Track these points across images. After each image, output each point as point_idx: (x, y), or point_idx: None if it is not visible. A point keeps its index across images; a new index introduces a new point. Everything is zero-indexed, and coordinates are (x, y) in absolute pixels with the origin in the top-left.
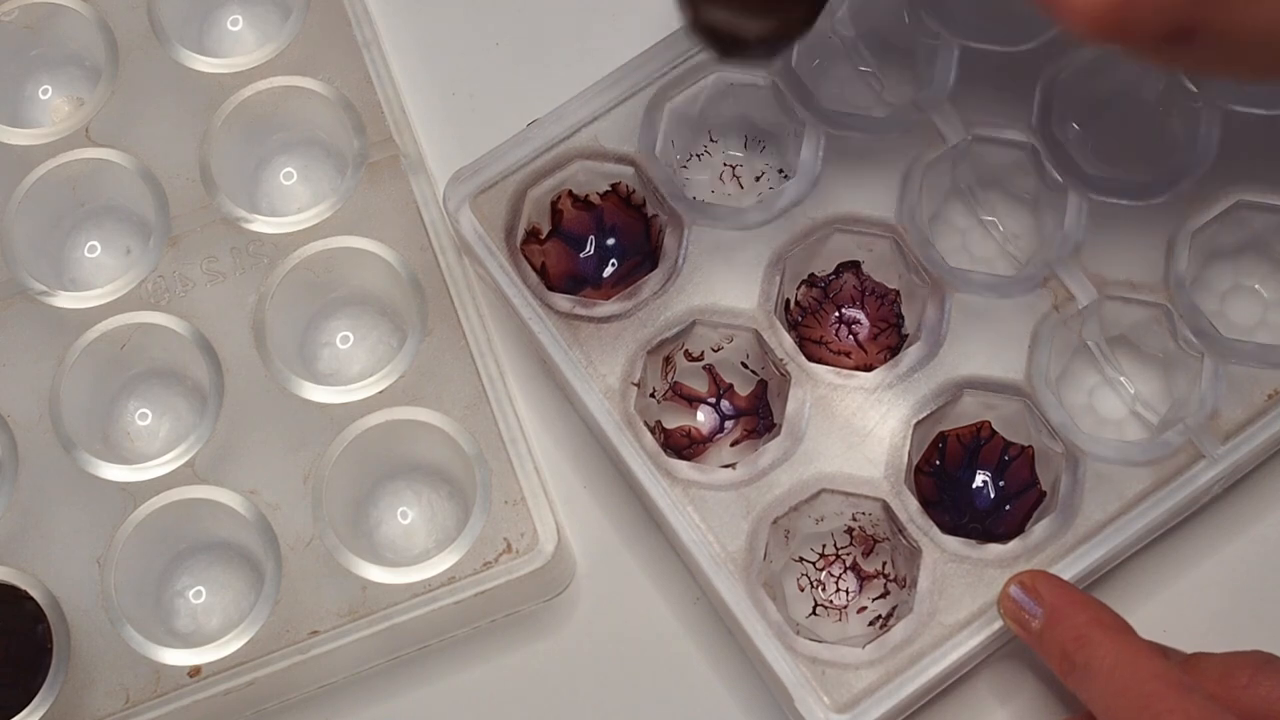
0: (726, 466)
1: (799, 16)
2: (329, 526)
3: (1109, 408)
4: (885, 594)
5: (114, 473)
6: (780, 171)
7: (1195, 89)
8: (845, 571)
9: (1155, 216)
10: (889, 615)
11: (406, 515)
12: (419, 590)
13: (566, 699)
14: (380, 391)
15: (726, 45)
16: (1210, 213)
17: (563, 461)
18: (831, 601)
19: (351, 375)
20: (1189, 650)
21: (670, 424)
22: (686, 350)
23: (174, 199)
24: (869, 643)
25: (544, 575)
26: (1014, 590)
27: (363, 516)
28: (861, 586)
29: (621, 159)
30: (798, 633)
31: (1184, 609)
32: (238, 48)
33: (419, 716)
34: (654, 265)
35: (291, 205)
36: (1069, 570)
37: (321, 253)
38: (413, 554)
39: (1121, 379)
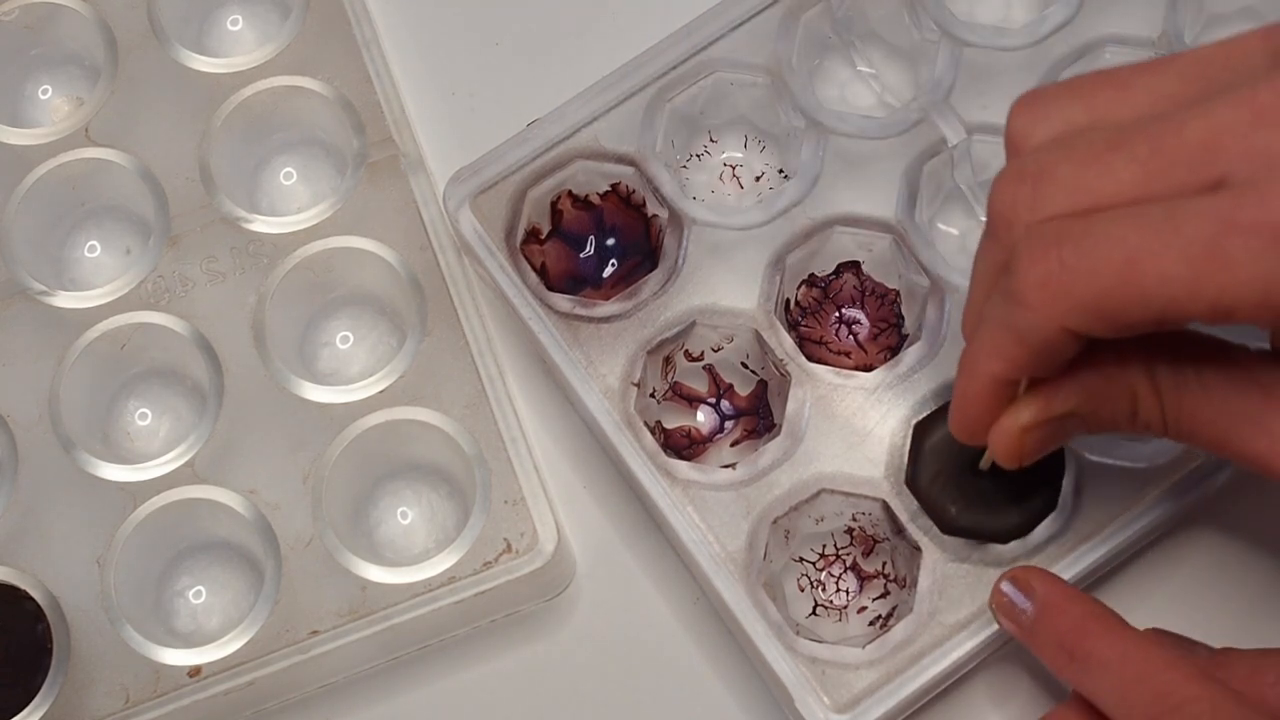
0: (726, 466)
1: (1038, 510)
2: (329, 526)
3: None
4: (885, 594)
5: (114, 473)
6: (780, 172)
7: None
8: (845, 571)
9: None
10: (889, 615)
11: (406, 515)
12: (419, 590)
13: (566, 699)
14: (380, 391)
15: (978, 539)
16: None
17: (563, 461)
18: (831, 601)
19: (351, 375)
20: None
21: (670, 424)
22: (686, 350)
23: (174, 199)
24: (869, 643)
25: (544, 575)
26: (1005, 585)
27: (362, 516)
28: (862, 586)
29: (621, 159)
30: (798, 633)
31: (1184, 609)
32: (237, 47)
33: (419, 716)
34: (654, 265)
35: (291, 205)
36: (1069, 570)
37: (321, 253)
38: (412, 554)
39: None
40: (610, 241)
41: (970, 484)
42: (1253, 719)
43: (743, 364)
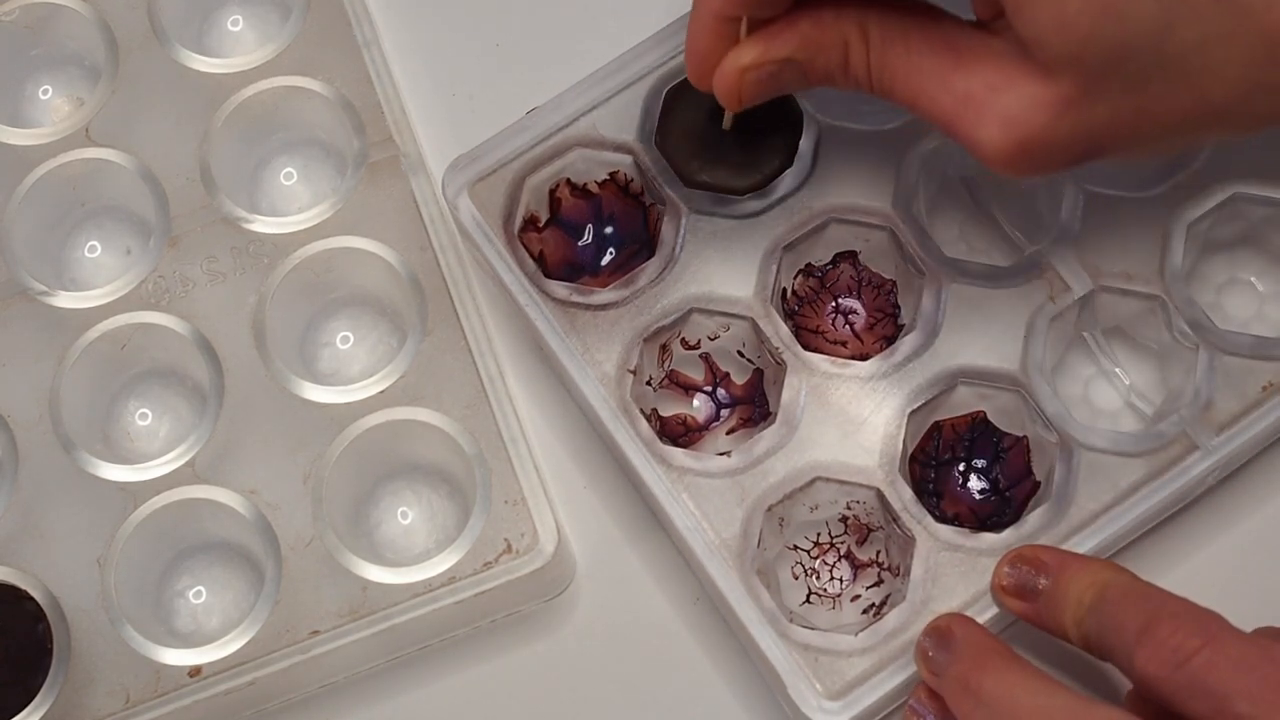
0: (722, 454)
1: (777, 168)
2: (329, 527)
3: (1104, 399)
4: (879, 582)
5: (114, 473)
6: None
7: None
8: (839, 559)
9: (1151, 208)
10: (882, 603)
11: (406, 515)
12: (419, 590)
13: (566, 699)
14: (380, 391)
15: (719, 196)
16: (1206, 205)
17: (563, 461)
18: (825, 589)
19: (352, 375)
20: None
21: (666, 411)
22: (683, 338)
23: (174, 199)
24: (862, 630)
25: (544, 575)
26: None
27: (363, 516)
28: (855, 574)
29: (620, 147)
30: (791, 620)
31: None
32: (238, 48)
33: (419, 716)
34: (651, 253)
35: (291, 205)
36: None
37: (321, 253)
38: (413, 554)
39: (1117, 370)
40: (608, 229)
41: (714, 144)
42: None
43: (739, 352)
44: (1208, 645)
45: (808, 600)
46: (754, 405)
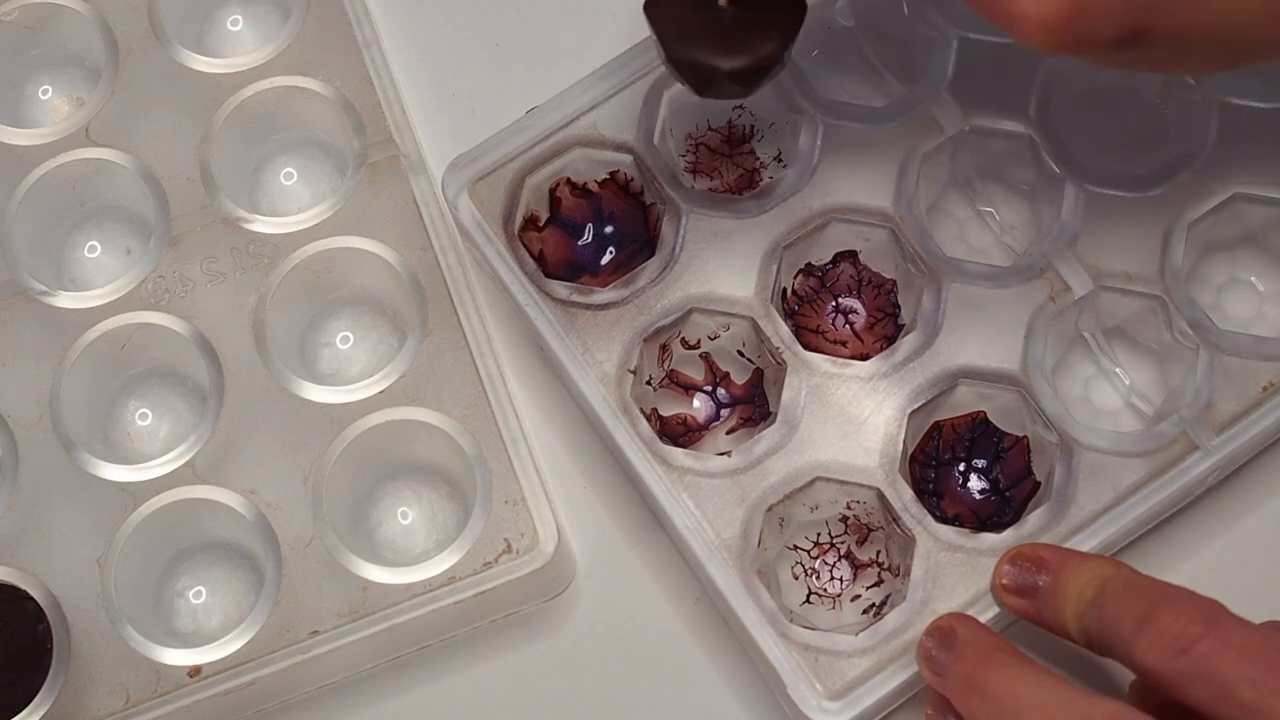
0: (722, 454)
1: (769, 54)
2: (329, 527)
3: (1104, 399)
4: (879, 582)
5: (114, 473)
6: (778, 160)
7: (1193, 81)
8: (839, 560)
9: (1152, 208)
10: (883, 603)
11: (406, 515)
12: (419, 590)
13: (566, 699)
14: (380, 392)
15: (701, 82)
16: (1207, 205)
17: (564, 461)
18: (825, 589)
19: (352, 375)
20: None
21: (666, 411)
22: (683, 338)
23: (174, 199)
24: (862, 630)
25: (544, 575)
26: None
27: (363, 517)
28: (855, 575)
29: (620, 147)
30: (791, 620)
31: None
32: (238, 48)
33: (419, 716)
34: (651, 253)
35: (291, 205)
36: None
37: (321, 253)
38: (413, 554)
39: (1117, 370)
40: (608, 229)
41: (707, 20)
42: None
43: (739, 352)
44: (1210, 632)
45: (808, 600)
46: (754, 405)
